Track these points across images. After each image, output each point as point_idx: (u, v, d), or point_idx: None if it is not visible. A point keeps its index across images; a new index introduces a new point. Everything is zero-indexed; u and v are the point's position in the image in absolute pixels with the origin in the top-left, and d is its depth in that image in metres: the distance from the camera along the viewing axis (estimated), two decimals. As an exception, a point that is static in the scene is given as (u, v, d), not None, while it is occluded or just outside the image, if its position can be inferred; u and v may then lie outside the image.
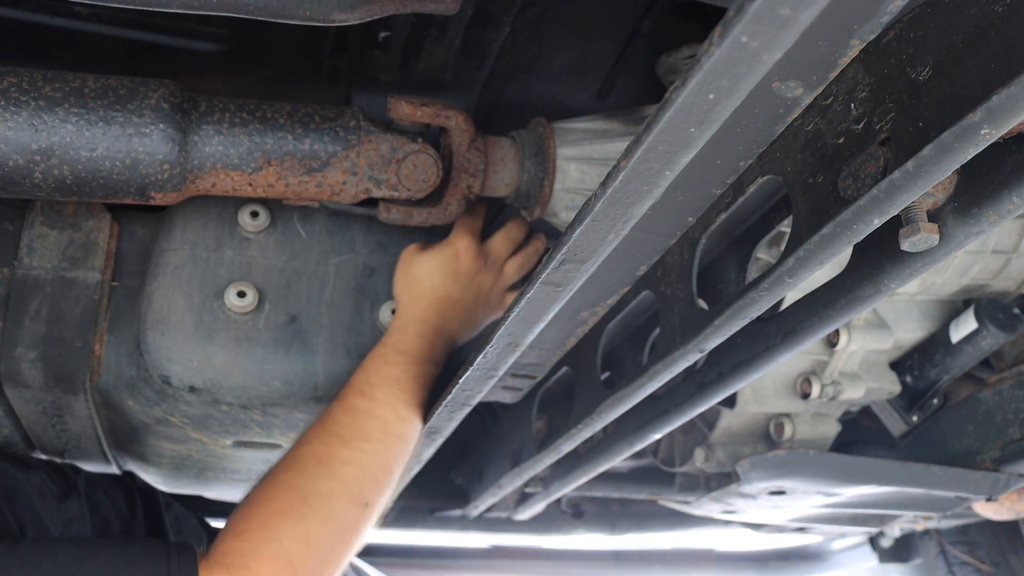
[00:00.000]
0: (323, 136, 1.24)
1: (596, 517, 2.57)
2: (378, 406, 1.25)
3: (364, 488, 1.19)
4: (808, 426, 1.78)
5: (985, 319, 1.58)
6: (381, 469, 1.22)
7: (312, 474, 1.16)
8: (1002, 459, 1.67)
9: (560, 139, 1.33)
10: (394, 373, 1.28)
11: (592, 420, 1.30)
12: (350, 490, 1.17)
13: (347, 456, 1.19)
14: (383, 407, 1.25)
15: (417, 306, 1.34)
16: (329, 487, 1.16)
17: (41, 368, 1.33)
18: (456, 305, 1.36)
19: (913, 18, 0.76)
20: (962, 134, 0.66)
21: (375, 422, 1.24)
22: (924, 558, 2.81)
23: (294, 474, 1.16)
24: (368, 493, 1.19)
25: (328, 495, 1.15)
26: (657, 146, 0.71)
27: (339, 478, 1.17)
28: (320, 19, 1.07)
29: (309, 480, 1.16)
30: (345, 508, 1.16)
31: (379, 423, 1.24)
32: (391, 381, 1.27)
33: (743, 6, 0.56)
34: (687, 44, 1.38)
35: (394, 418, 1.26)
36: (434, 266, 1.36)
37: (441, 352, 1.35)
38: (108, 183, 1.17)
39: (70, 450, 1.62)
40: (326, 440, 1.21)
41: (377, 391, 1.26)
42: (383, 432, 1.24)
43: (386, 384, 1.27)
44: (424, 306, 1.34)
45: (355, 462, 1.19)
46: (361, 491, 1.19)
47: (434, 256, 1.37)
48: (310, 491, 1.14)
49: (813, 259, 0.84)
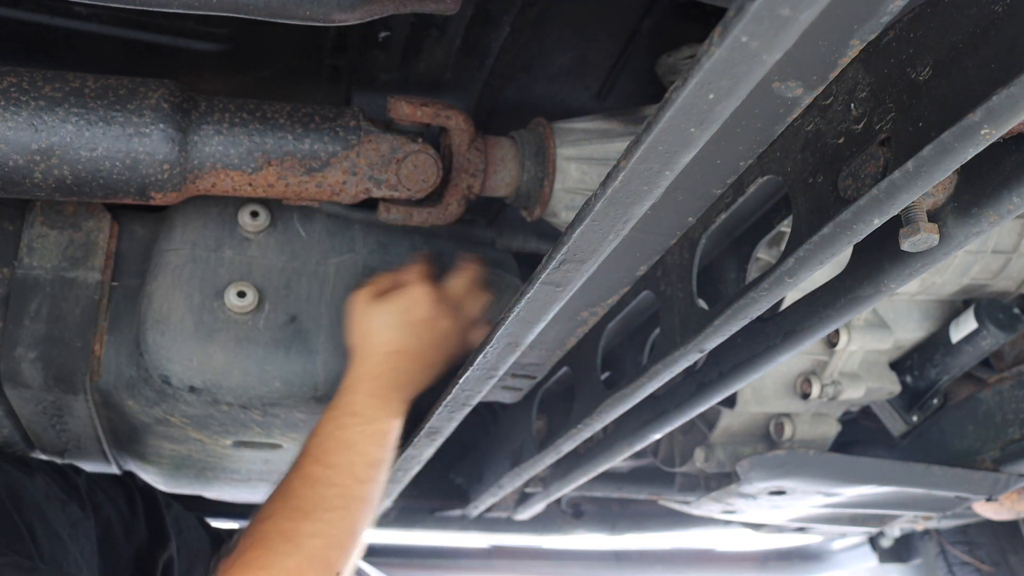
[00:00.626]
0: (323, 136, 1.24)
1: (596, 517, 2.56)
2: (335, 473, 1.23)
3: (331, 557, 1.19)
4: (808, 426, 1.78)
5: (985, 319, 1.58)
6: (346, 535, 1.22)
7: (281, 551, 1.16)
8: (1002, 459, 1.67)
9: (560, 139, 1.33)
10: (347, 437, 1.26)
11: (592, 420, 1.30)
12: (318, 561, 1.18)
13: (311, 529, 1.19)
14: (340, 474, 1.23)
15: (369, 363, 1.30)
16: (298, 563, 1.16)
17: (41, 368, 1.33)
18: (413, 358, 1.32)
19: (913, 18, 0.76)
20: (962, 134, 0.66)
21: (335, 490, 1.22)
22: (924, 558, 2.81)
23: (263, 552, 1.16)
24: (336, 561, 1.20)
25: (297, 570, 1.15)
26: (657, 146, 0.71)
27: (306, 552, 1.17)
28: (320, 19, 1.07)
29: (276, 557, 1.16)
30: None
31: (339, 490, 1.23)
32: (345, 446, 1.25)
33: (743, 6, 0.56)
34: (687, 44, 1.38)
35: (353, 483, 1.24)
36: (387, 319, 1.31)
37: (398, 404, 1.32)
38: (108, 183, 1.17)
39: (70, 450, 1.62)
40: (289, 515, 1.20)
41: (332, 457, 1.24)
42: (344, 499, 1.23)
43: (340, 450, 1.25)
44: (376, 363, 1.30)
45: (320, 533, 1.19)
46: (328, 560, 1.19)
47: (388, 307, 1.31)
48: (279, 569, 1.15)
49: (813, 259, 0.84)
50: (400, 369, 1.31)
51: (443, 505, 2.34)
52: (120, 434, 1.58)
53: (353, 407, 1.28)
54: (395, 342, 1.31)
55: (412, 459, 1.54)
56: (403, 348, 1.31)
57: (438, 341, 1.34)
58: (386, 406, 1.29)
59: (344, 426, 1.26)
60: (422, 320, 1.32)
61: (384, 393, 1.29)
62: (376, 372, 1.30)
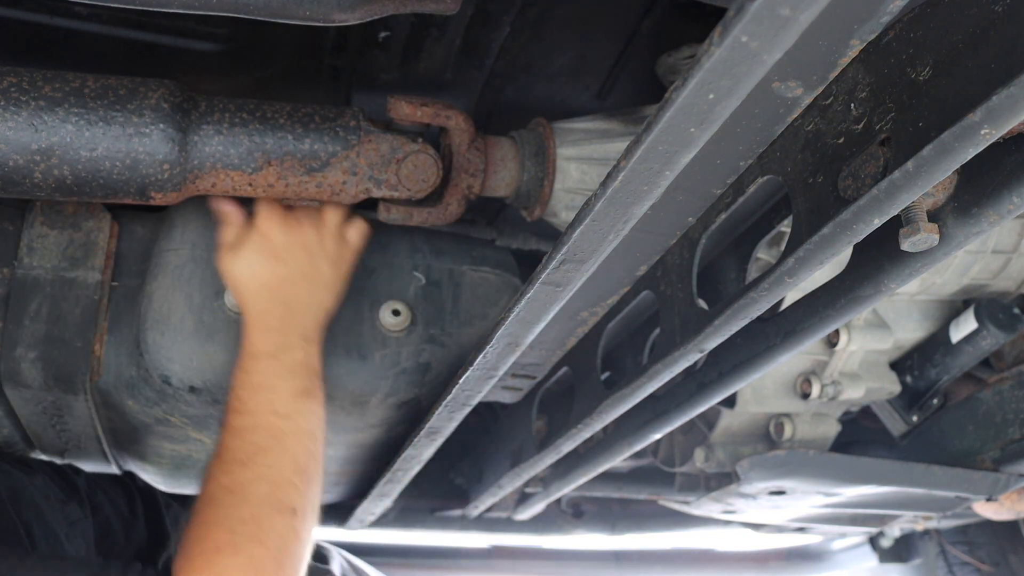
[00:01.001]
0: (323, 136, 1.24)
1: (596, 517, 2.56)
2: (257, 417, 1.23)
3: (283, 496, 1.18)
4: (808, 426, 1.78)
5: (985, 319, 1.58)
6: (292, 471, 1.21)
7: (229, 504, 1.15)
8: (1002, 459, 1.67)
9: (560, 139, 1.33)
10: (256, 380, 1.25)
11: (592, 420, 1.30)
12: (271, 505, 1.16)
13: (252, 475, 1.18)
14: (262, 416, 1.23)
15: (250, 305, 1.30)
16: (250, 511, 1.15)
17: (41, 368, 1.33)
18: (291, 281, 1.30)
19: (913, 18, 0.76)
20: (962, 134, 0.66)
21: (262, 432, 1.22)
22: (924, 558, 2.81)
23: (213, 511, 1.15)
24: (290, 498, 1.18)
25: (251, 519, 1.14)
26: (657, 146, 0.71)
27: (254, 499, 1.16)
28: (320, 19, 1.07)
29: (228, 511, 1.15)
30: (274, 523, 1.16)
31: (266, 432, 1.22)
32: (257, 389, 1.24)
33: (743, 6, 0.56)
34: (687, 44, 1.38)
35: (278, 420, 1.23)
36: (249, 259, 1.30)
37: (298, 329, 1.29)
38: (108, 183, 1.17)
39: (70, 450, 1.62)
40: (227, 469, 1.19)
41: (249, 404, 1.24)
42: (275, 438, 1.22)
43: (254, 394, 1.24)
44: (255, 301, 1.29)
45: (262, 477, 1.18)
46: (281, 500, 1.18)
47: (244, 249, 1.30)
48: (234, 521, 1.14)
49: (813, 259, 0.84)
50: (283, 297, 1.30)
51: (443, 505, 2.34)
52: (120, 434, 1.58)
53: (252, 350, 1.27)
54: (265, 275, 1.30)
55: (412, 459, 1.54)
56: (275, 277, 1.30)
57: (310, 256, 1.32)
58: (283, 336, 1.28)
59: (249, 371, 1.26)
60: (282, 244, 1.30)
61: (277, 325, 1.28)
62: (259, 310, 1.29)
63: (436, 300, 1.45)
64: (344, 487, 2.02)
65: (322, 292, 1.32)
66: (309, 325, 1.30)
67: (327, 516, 2.32)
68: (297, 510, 1.18)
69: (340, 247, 1.34)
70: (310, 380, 1.28)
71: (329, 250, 1.33)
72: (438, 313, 1.44)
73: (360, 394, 1.41)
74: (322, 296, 1.32)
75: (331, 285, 1.33)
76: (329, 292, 1.33)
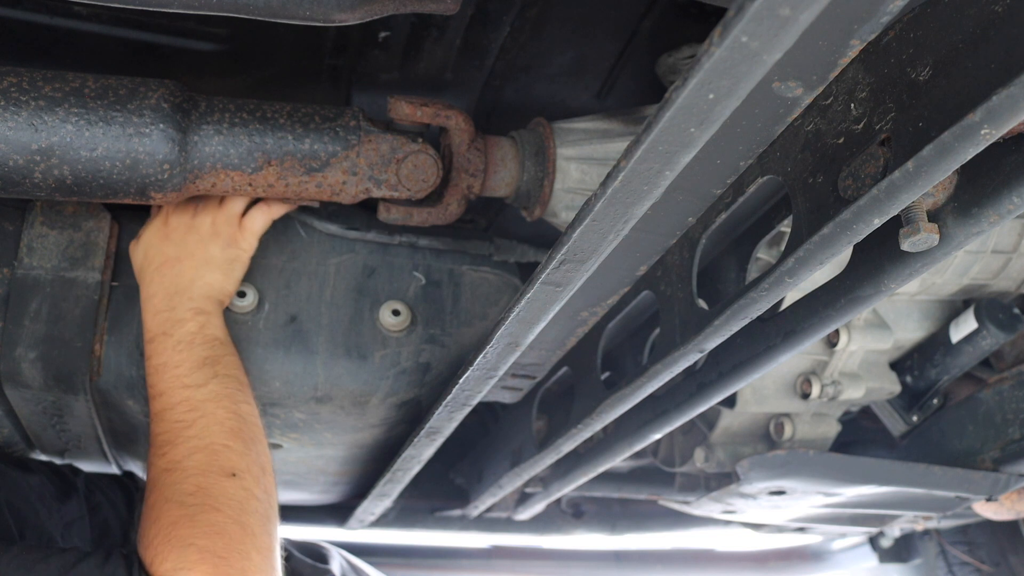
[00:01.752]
0: (323, 136, 1.24)
1: (596, 517, 2.56)
2: (170, 396, 1.25)
3: (223, 461, 1.19)
4: (808, 426, 1.78)
5: (985, 319, 1.58)
6: (223, 435, 1.21)
7: (172, 482, 1.16)
8: (1002, 459, 1.67)
9: (560, 139, 1.33)
10: (159, 361, 1.27)
11: (592, 420, 1.30)
12: (213, 471, 1.17)
13: (185, 450, 1.19)
14: (175, 393, 1.24)
15: (143, 289, 1.33)
16: (195, 483, 1.16)
17: (41, 368, 1.33)
18: (179, 260, 1.32)
19: (913, 18, 0.76)
20: (962, 134, 0.66)
21: (180, 408, 1.23)
22: (924, 558, 2.81)
23: (159, 492, 1.16)
24: (230, 462, 1.19)
25: (198, 489, 1.15)
26: (657, 146, 0.71)
27: (194, 471, 1.17)
28: (320, 19, 1.07)
29: (173, 488, 1.16)
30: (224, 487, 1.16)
31: (184, 406, 1.23)
32: (161, 369, 1.27)
33: (743, 6, 0.56)
34: (687, 44, 1.38)
35: (192, 391, 1.24)
36: (146, 242, 1.35)
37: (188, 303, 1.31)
38: (108, 183, 1.17)
39: (70, 450, 1.62)
40: (161, 452, 1.20)
41: (159, 386, 1.26)
42: (195, 410, 1.23)
43: (160, 375, 1.26)
44: (148, 283, 1.33)
45: (196, 449, 1.19)
46: (222, 465, 1.18)
47: (144, 234, 1.36)
48: (182, 494, 1.14)
49: (813, 259, 0.84)
50: (172, 275, 1.32)
51: (443, 505, 2.34)
52: (120, 434, 1.58)
53: (147, 335, 1.30)
54: (158, 257, 1.33)
55: (412, 459, 1.54)
56: (167, 258, 1.33)
57: (203, 236, 1.34)
58: (173, 313, 1.30)
59: (150, 355, 1.28)
60: (176, 227, 1.34)
61: (166, 304, 1.30)
62: (151, 292, 1.32)
63: (436, 300, 1.45)
64: (344, 487, 2.02)
65: (211, 272, 1.34)
66: (199, 301, 1.32)
67: (327, 516, 2.32)
68: (241, 471, 1.19)
69: (234, 230, 1.36)
70: (212, 347, 1.29)
71: (222, 232, 1.35)
72: (438, 313, 1.44)
73: (360, 394, 1.41)
74: (210, 275, 1.34)
75: (221, 266, 1.35)
76: (218, 272, 1.35)
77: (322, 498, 2.16)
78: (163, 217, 1.35)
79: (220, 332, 1.32)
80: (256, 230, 1.37)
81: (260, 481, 1.21)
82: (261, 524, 1.16)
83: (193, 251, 1.33)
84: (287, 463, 1.76)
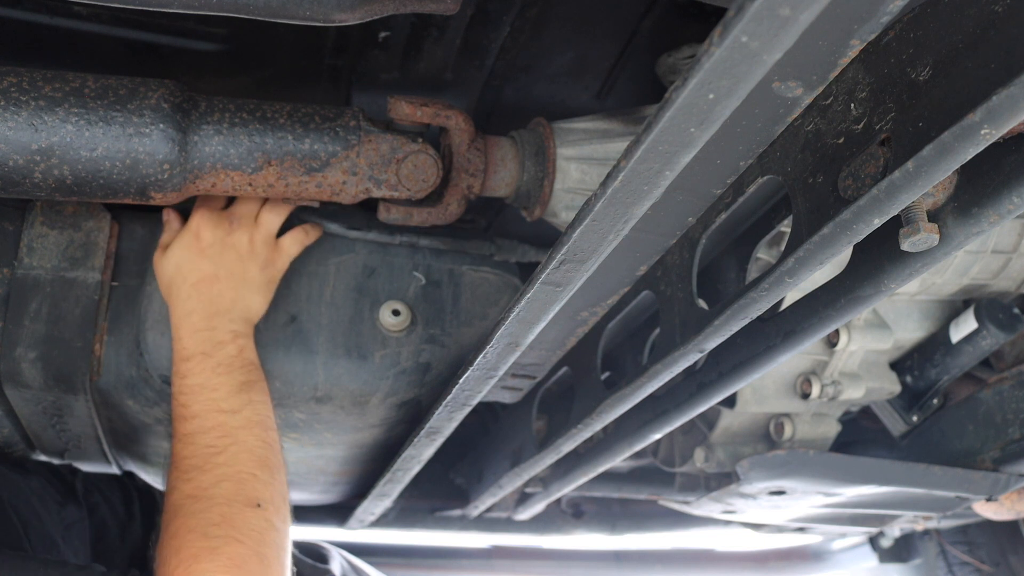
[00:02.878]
0: (323, 136, 1.24)
1: (596, 517, 2.56)
2: (203, 420, 1.22)
3: (249, 491, 1.17)
4: (808, 426, 1.78)
5: (985, 319, 1.58)
6: (253, 465, 1.20)
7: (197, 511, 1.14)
8: (1002, 459, 1.67)
9: (560, 139, 1.33)
10: (194, 382, 1.24)
11: (592, 420, 1.30)
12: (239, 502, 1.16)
13: (213, 478, 1.17)
14: (208, 418, 1.22)
15: (178, 304, 1.29)
16: (220, 513, 1.14)
17: (41, 368, 1.33)
18: (219, 279, 1.29)
19: (913, 18, 0.76)
20: (962, 134, 0.66)
21: (212, 433, 1.21)
22: (924, 558, 2.81)
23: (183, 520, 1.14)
24: (256, 492, 1.18)
25: (223, 519, 1.13)
26: (657, 146, 0.71)
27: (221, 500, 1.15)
28: (320, 19, 1.07)
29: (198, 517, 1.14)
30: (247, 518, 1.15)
31: (216, 432, 1.21)
32: (196, 390, 1.24)
33: (743, 6, 0.56)
34: (687, 44, 1.38)
35: (226, 417, 1.22)
36: (179, 257, 1.30)
37: (228, 326, 1.29)
38: (108, 183, 1.17)
39: (70, 450, 1.62)
40: (187, 477, 1.18)
41: (192, 407, 1.23)
42: (227, 436, 1.21)
43: (194, 395, 1.24)
44: (184, 300, 1.29)
45: (225, 477, 1.17)
46: (248, 495, 1.17)
47: (175, 248, 1.31)
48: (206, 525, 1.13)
49: (813, 259, 0.84)
50: (212, 295, 1.29)
51: (443, 505, 2.34)
52: (120, 434, 1.58)
53: (184, 353, 1.27)
54: (194, 274, 1.29)
55: (412, 459, 1.54)
56: (204, 275, 1.29)
57: (239, 257, 1.31)
58: (212, 334, 1.27)
59: (186, 374, 1.25)
60: (212, 243, 1.30)
61: (206, 323, 1.27)
62: (188, 308, 1.28)
63: (436, 300, 1.45)
64: (344, 487, 2.02)
65: (250, 293, 1.32)
66: (238, 323, 1.30)
67: (327, 516, 2.32)
68: (265, 502, 1.17)
69: (272, 252, 1.34)
70: (249, 372, 1.27)
71: (259, 253, 1.32)
72: (438, 313, 1.44)
73: (360, 394, 1.41)
74: (249, 297, 1.32)
75: (259, 288, 1.33)
76: (257, 294, 1.32)
77: (322, 498, 2.16)
78: (194, 231, 1.31)
79: (255, 356, 1.30)
80: (293, 253, 1.36)
81: (280, 511, 1.20)
82: (277, 554, 1.16)
83: (232, 270, 1.30)
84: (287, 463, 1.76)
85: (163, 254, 1.32)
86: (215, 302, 1.29)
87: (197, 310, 1.28)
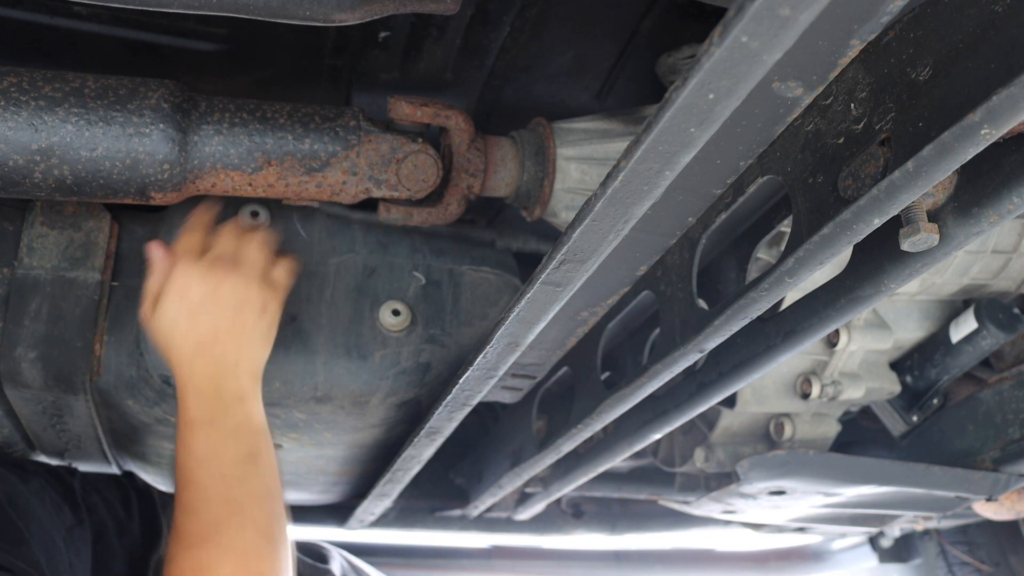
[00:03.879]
0: (323, 136, 1.24)
1: (596, 517, 2.56)
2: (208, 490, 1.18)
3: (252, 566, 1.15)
4: (808, 426, 1.78)
5: (985, 319, 1.58)
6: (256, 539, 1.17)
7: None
8: (1002, 459, 1.67)
9: (560, 139, 1.33)
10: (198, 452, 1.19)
11: (592, 420, 1.30)
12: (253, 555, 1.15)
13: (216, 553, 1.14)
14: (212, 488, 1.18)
15: (181, 368, 1.24)
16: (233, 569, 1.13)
17: (41, 368, 1.33)
18: (220, 334, 1.24)
19: (913, 18, 0.76)
20: (962, 134, 0.66)
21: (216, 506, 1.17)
22: (924, 558, 2.81)
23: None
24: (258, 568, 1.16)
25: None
26: (657, 146, 0.71)
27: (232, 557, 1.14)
28: (320, 19, 1.07)
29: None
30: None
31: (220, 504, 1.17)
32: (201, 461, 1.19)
33: (743, 6, 0.56)
34: (687, 44, 1.38)
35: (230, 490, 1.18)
36: (170, 317, 1.24)
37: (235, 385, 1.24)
38: (108, 183, 1.17)
39: (70, 450, 1.62)
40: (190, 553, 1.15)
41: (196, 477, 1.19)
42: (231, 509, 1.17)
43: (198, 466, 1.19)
44: (186, 364, 1.23)
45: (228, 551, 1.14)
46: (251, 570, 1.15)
47: (163, 307, 1.24)
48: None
49: (813, 259, 0.84)
50: (214, 355, 1.23)
51: (443, 505, 2.34)
52: (120, 434, 1.58)
53: (188, 419, 1.21)
54: (191, 333, 1.23)
55: (412, 459, 1.54)
56: (202, 334, 1.23)
57: (237, 306, 1.25)
58: (218, 400, 1.22)
59: (191, 442, 1.20)
60: (202, 297, 1.23)
61: (211, 387, 1.22)
62: (191, 372, 1.23)
63: (436, 300, 1.45)
64: (344, 487, 2.02)
65: (252, 345, 1.26)
66: (244, 381, 1.25)
67: (327, 516, 2.32)
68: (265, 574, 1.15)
69: (266, 292, 1.28)
70: (255, 440, 1.23)
71: (254, 299, 1.26)
72: (438, 313, 1.44)
73: (360, 394, 1.41)
74: (253, 349, 1.27)
75: (261, 335, 1.28)
76: (259, 342, 1.27)
77: (322, 498, 2.16)
78: (181, 289, 1.24)
79: (262, 420, 1.26)
80: (287, 286, 1.33)
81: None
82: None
83: (230, 325, 1.24)
84: (287, 463, 1.76)
85: (153, 311, 1.26)
86: (219, 362, 1.24)
87: (201, 373, 1.23)
